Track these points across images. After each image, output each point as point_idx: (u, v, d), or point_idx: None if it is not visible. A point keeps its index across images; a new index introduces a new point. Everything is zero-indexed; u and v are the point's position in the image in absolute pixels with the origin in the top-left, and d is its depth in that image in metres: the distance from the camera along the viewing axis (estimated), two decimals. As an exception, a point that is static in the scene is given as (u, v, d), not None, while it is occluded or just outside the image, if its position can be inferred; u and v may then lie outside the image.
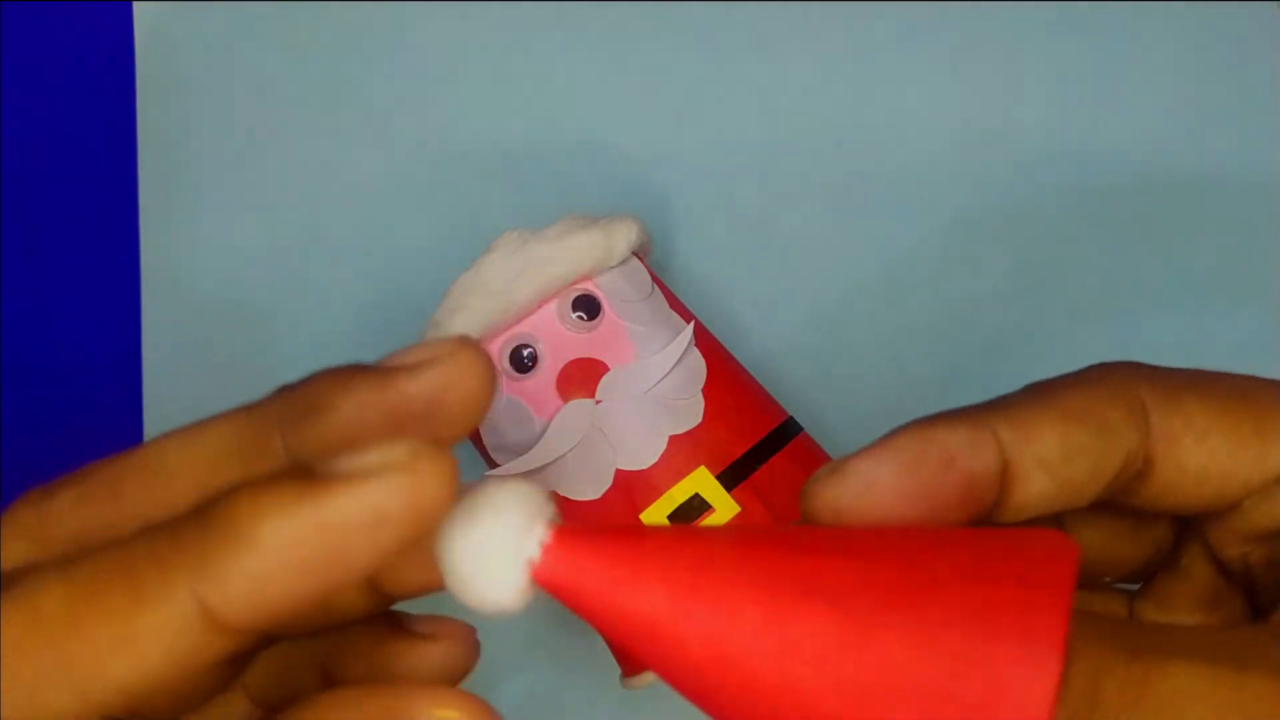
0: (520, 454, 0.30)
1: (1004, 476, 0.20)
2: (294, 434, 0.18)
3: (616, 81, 0.38)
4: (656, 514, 0.29)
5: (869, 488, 0.19)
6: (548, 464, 0.30)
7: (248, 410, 0.19)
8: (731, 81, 0.37)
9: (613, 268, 0.31)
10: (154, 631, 0.16)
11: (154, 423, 0.38)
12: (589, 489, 0.29)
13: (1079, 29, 0.36)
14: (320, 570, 0.15)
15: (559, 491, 0.30)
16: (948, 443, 0.19)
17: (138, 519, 0.18)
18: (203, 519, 0.16)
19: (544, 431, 0.29)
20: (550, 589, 0.17)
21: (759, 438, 0.30)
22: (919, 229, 0.36)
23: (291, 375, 0.40)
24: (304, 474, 0.16)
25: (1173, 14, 0.36)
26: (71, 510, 0.19)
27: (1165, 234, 0.36)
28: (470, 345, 0.18)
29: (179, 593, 0.15)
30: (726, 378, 0.31)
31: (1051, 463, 0.20)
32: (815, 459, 0.31)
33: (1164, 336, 0.35)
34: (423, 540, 0.16)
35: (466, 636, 0.21)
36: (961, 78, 0.37)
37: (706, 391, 0.30)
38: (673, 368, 0.30)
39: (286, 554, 0.15)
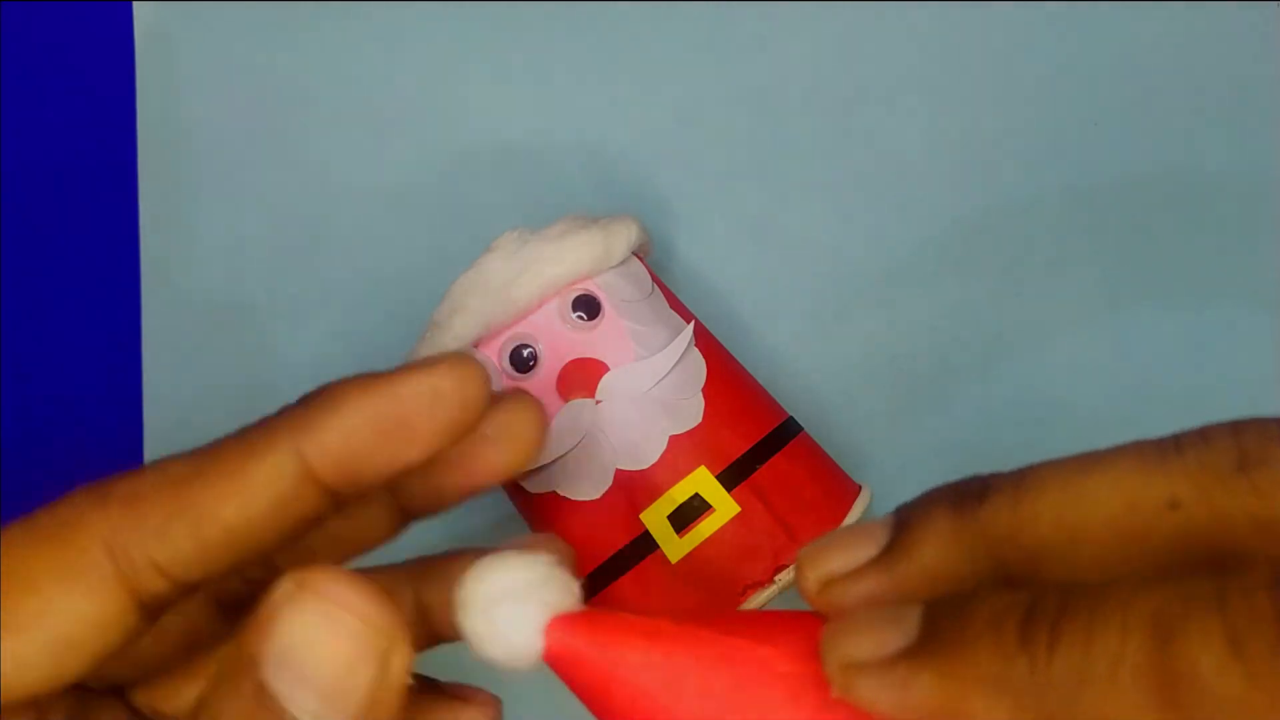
0: (520, 454, 0.30)
1: None
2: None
3: (616, 81, 0.38)
4: (656, 514, 0.29)
5: (874, 705, 0.17)
6: (548, 464, 0.30)
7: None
8: (731, 81, 0.37)
9: (613, 268, 0.31)
10: (261, 477, 0.19)
11: (154, 422, 0.38)
12: (589, 489, 0.29)
13: (1079, 29, 0.36)
14: (393, 434, 0.20)
15: (559, 492, 0.30)
16: None
17: None
18: (305, 399, 0.20)
19: (544, 431, 0.29)
20: (552, 661, 0.20)
21: (759, 438, 0.30)
22: (919, 229, 0.36)
23: (291, 375, 0.40)
24: (379, 372, 0.21)
25: (1173, 14, 0.36)
26: None
27: (1165, 234, 0.36)
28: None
29: (282, 446, 0.20)
30: (726, 378, 0.31)
31: None
32: (815, 459, 0.31)
33: (1164, 336, 0.35)
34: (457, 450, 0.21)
35: (493, 704, 0.24)
36: (961, 78, 0.37)
37: (706, 391, 0.30)
38: (673, 368, 0.30)
39: (368, 415, 0.20)
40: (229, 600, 0.24)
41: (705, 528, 0.29)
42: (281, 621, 0.17)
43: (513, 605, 0.20)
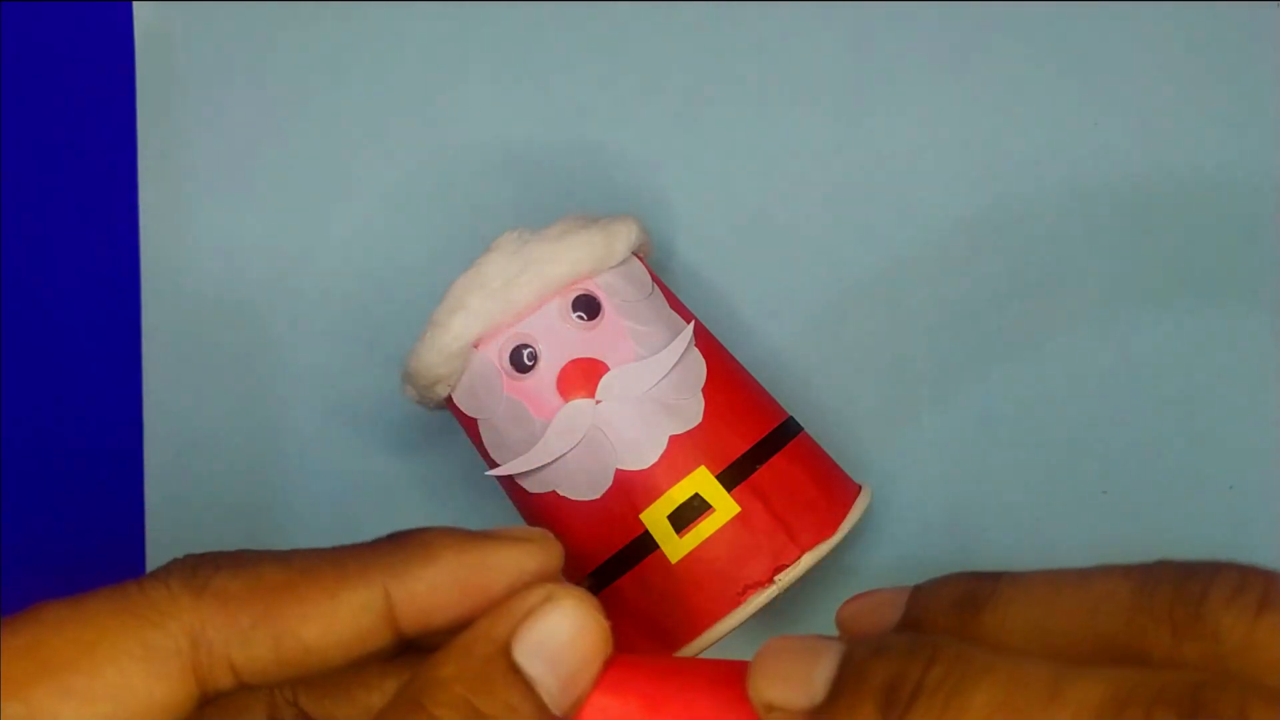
0: (520, 454, 0.30)
1: None
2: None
3: (616, 81, 0.38)
4: (656, 514, 0.29)
5: None
6: (548, 464, 0.30)
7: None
8: (731, 81, 0.37)
9: (613, 267, 0.31)
10: (349, 609, 0.21)
11: (154, 422, 0.38)
12: (589, 489, 0.29)
13: (1078, 29, 0.36)
14: (470, 594, 0.22)
15: (559, 492, 0.30)
16: None
17: None
18: (400, 540, 0.22)
19: (544, 431, 0.29)
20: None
21: (759, 438, 0.30)
22: (919, 229, 0.36)
23: (291, 375, 0.40)
24: (476, 531, 0.22)
25: (1173, 14, 0.36)
26: None
27: (1165, 234, 0.36)
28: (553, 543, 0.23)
29: (375, 583, 0.21)
30: (726, 378, 0.31)
31: None
32: (815, 459, 0.31)
33: (1164, 336, 0.35)
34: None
35: (553, 543, 0.24)
36: (961, 78, 0.37)
37: (706, 391, 0.30)
38: (673, 368, 0.30)
39: (455, 574, 0.21)
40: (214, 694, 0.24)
41: (705, 528, 0.29)
42: (547, 617, 0.21)
43: None
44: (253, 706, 0.24)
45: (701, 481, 0.29)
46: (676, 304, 0.32)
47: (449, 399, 0.31)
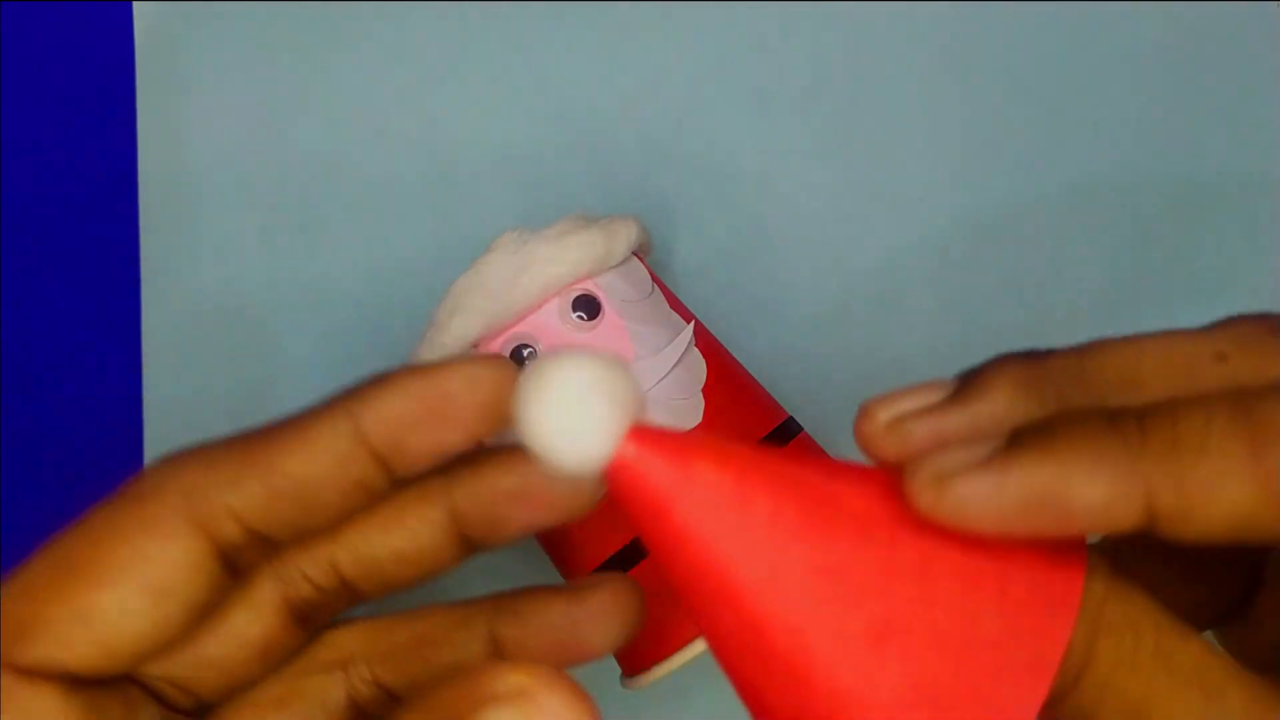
0: (520, 454, 0.30)
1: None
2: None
3: (616, 81, 0.38)
4: (656, 514, 0.29)
5: (968, 508, 0.17)
6: (548, 464, 0.30)
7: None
8: (731, 81, 0.37)
9: (613, 268, 0.31)
10: (322, 438, 0.22)
11: (154, 422, 0.38)
12: (589, 489, 0.29)
13: (1078, 29, 0.36)
14: (438, 410, 0.22)
15: (559, 491, 0.30)
16: (1079, 502, 0.17)
17: None
18: (360, 381, 0.22)
19: (544, 431, 0.29)
20: (620, 470, 0.18)
21: (759, 438, 0.30)
22: (919, 229, 0.36)
23: (291, 375, 0.40)
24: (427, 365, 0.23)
25: (1172, 14, 0.36)
26: None
27: (1165, 234, 0.36)
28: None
29: (340, 413, 0.22)
30: (726, 378, 0.31)
31: (1223, 527, 0.17)
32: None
33: (1164, 336, 0.35)
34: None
35: (625, 584, 0.24)
36: (961, 78, 0.37)
37: (706, 391, 0.30)
38: (673, 368, 0.30)
39: (417, 391, 0.22)
40: (301, 609, 0.24)
41: (705, 528, 0.29)
42: (493, 717, 0.18)
43: (595, 405, 0.18)
44: (330, 688, 0.24)
45: (701, 481, 0.29)
46: (676, 304, 0.32)
47: (449, 399, 0.31)
